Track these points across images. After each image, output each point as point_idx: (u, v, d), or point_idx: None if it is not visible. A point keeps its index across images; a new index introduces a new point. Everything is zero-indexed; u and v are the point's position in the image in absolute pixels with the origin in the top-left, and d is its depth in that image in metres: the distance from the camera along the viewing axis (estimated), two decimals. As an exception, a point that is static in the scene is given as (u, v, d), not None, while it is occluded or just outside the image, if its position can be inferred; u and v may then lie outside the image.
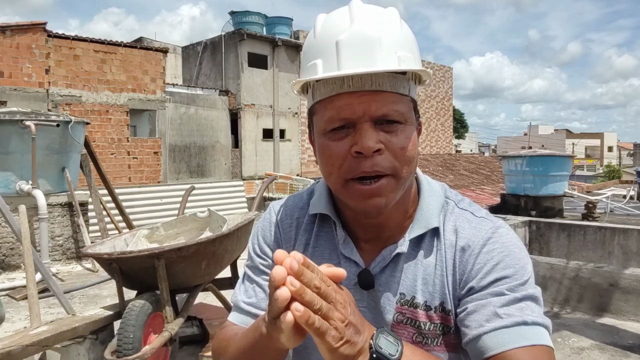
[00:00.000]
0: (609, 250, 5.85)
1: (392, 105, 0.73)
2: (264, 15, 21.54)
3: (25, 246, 3.08)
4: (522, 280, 0.74)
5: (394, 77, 0.73)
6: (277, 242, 0.90)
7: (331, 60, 0.72)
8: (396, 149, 0.73)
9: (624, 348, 3.61)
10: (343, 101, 0.72)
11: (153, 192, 9.25)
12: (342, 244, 0.84)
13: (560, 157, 10.68)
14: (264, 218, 0.95)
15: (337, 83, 0.72)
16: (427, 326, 0.79)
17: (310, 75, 0.74)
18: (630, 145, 62.59)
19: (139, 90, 14.83)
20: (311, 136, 0.84)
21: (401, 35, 0.74)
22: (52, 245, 6.00)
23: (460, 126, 46.16)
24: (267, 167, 20.25)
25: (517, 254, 0.77)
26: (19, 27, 12.36)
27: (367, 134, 0.71)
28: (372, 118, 0.72)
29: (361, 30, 0.71)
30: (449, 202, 0.85)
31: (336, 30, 0.73)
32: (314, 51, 0.76)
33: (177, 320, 2.98)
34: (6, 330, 3.82)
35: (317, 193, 0.90)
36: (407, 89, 0.75)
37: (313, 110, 0.79)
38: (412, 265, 0.81)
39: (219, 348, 0.86)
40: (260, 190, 4.63)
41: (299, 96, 0.85)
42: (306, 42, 0.79)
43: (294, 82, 0.78)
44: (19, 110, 6.13)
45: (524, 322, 0.71)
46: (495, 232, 0.79)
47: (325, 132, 0.75)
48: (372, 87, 0.71)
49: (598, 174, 34.37)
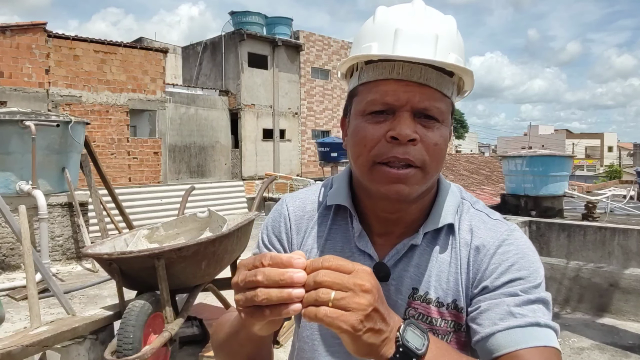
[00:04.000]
0: (609, 251, 5.85)
1: (434, 101, 0.74)
2: (264, 15, 21.55)
3: (25, 246, 3.08)
4: (536, 283, 0.75)
5: (441, 76, 0.75)
6: (286, 234, 0.90)
7: (387, 44, 0.73)
8: (430, 143, 0.74)
9: (624, 348, 3.61)
10: (389, 87, 0.74)
11: (153, 192, 9.25)
12: (357, 237, 0.84)
13: (560, 157, 10.68)
14: (275, 210, 0.95)
15: (387, 68, 0.74)
16: (439, 323, 0.79)
17: (365, 53, 0.75)
18: (630, 145, 62.56)
19: (139, 91, 14.84)
20: (344, 119, 0.84)
21: (456, 39, 0.77)
22: (52, 245, 6.00)
23: (460, 126, 46.19)
24: (267, 167, 20.26)
25: (531, 257, 0.78)
26: (19, 27, 12.37)
27: (406, 122, 0.73)
28: (413, 109, 0.73)
29: (421, 25, 0.74)
30: (464, 202, 0.87)
31: (397, 20, 0.75)
32: (370, 35, 0.77)
33: (177, 321, 2.97)
34: (6, 330, 3.82)
35: (336, 185, 0.90)
36: (450, 91, 0.77)
37: (355, 92, 0.80)
38: (426, 261, 0.82)
39: (214, 333, 0.88)
40: (260, 190, 4.64)
41: (341, 79, 0.85)
42: (363, 27, 0.80)
43: (344, 60, 0.79)
44: (19, 110, 6.13)
45: (537, 323, 0.71)
46: (511, 235, 0.80)
47: (364, 114, 0.76)
48: (420, 79, 0.73)
49: (598, 174, 34.36)
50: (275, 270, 0.57)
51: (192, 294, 3.26)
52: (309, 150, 22.54)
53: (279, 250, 0.90)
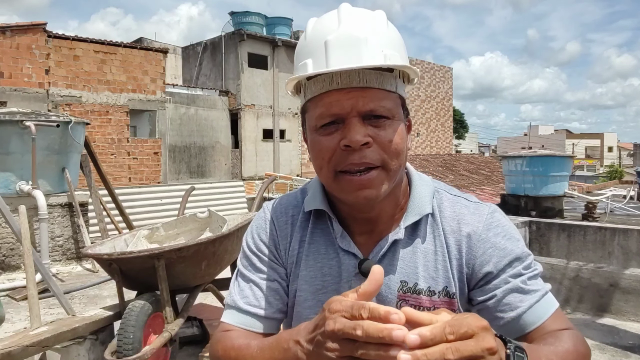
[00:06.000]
0: (609, 251, 5.85)
1: (379, 101, 0.75)
2: (264, 15, 21.56)
3: (25, 247, 3.08)
4: (531, 259, 0.82)
5: (381, 74, 0.76)
6: (272, 240, 0.91)
7: (320, 58, 0.75)
8: (384, 142, 0.75)
9: (624, 348, 3.61)
10: (332, 98, 0.75)
11: (153, 192, 9.24)
12: (339, 237, 0.85)
13: (560, 158, 10.67)
14: (258, 216, 0.95)
15: (327, 81, 0.75)
16: (431, 311, 0.80)
17: (301, 74, 0.77)
18: (630, 146, 62.52)
19: (139, 91, 14.83)
20: (304, 134, 0.86)
21: (387, 35, 0.78)
22: (52, 245, 6.00)
23: (460, 126, 46.16)
24: (267, 167, 20.25)
25: (516, 235, 0.84)
26: (19, 28, 12.37)
27: (355, 128, 0.74)
28: (360, 113, 0.75)
29: (349, 30, 0.75)
30: (439, 191, 0.89)
31: (325, 31, 0.77)
32: (304, 52, 0.79)
33: (177, 321, 2.97)
34: (6, 330, 3.82)
35: (311, 191, 0.91)
36: (394, 86, 0.78)
37: (305, 109, 0.82)
38: (410, 253, 0.83)
39: (227, 357, 0.80)
40: (261, 190, 4.63)
41: (293, 96, 0.88)
42: (298, 45, 0.83)
43: (287, 82, 0.82)
44: (19, 110, 6.12)
45: (545, 292, 0.80)
46: (493, 217, 0.85)
47: (316, 128, 0.78)
48: (360, 83, 0.74)
49: (599, 174, 34.34)
50: (374, 325, 0.52)
51: (192, 294, 3.26)
52: (309, 151, 22.52)
53: (268, 255, 0.90)
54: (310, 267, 0.87)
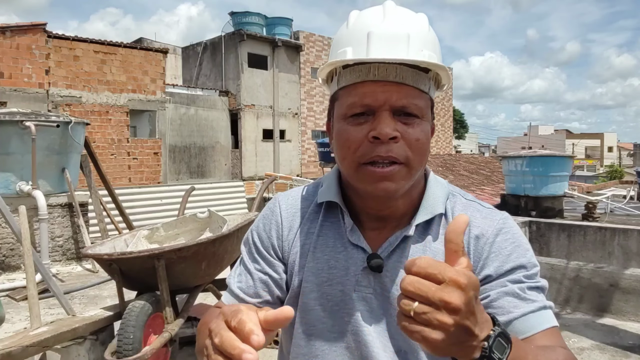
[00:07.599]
0: (609, 251, 5.85)
1: (412, 98, 0.76)
2: (264, 15, 21.56)
3: (25, 247, 3.08)
4: (536, 270, 0.80)
5: (417, 73, 0.77)
6: (277, 231, 0.92)
7: (361, 48, 0.76)
8: (411, 139, 0.76)
9: (624, 348, 3.61)
10: (367, 88, 0.76)
11: (153, 192, 9.24)
12: (349, 231, 0.86)
13: (560, 158, 10.66)
14: (267, 207, 0.96)
15: (363, 71, 0.76)
16: None
17: (340, 59, 0.78)
18: (630, 146, 62.54)
19: (139, 91, 14.83)
20: (329, 123, 0.87)
21: (428, 36, 0.79)
22: (52, 245, 6.00)
23: (460, 126, 46.18)
24: (267, 167, 20.25)
25: (526, 245, 0.82)
26: (19, 28, 12.37)
27: (385, 121, 0.75)
28: (392, 107, 0.75)
29: (392, 26, 0.76)
30: (454, 194, 0.89)
31: (369, 23, 0.77)
32: (344, 40, 0.79)
33: (177, 321, 2.97)
34: (6, 330, 3.82)
35: (326, 183, 0.92)
36: (427, 87, 0.79)
37: (336, 97, 0.82)
38: (420, 250, 0.83)
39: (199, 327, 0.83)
40: (261, 190, 4.64)
41: (322, 84, 0.88)
42: (338, 33, 0.83)
43: (322, 67, 0.81)
44: (19, 110, 6.12)
45: (544, 306, 0.77)
46: (505, 223, 0.84)
47: (345, 117, 0.79)
48: (396, 78, 0.75)
49: (599, 174, 34.33)
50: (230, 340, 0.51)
51: (192, 295, 3.26)
52: (309, 151, 22.54)
53: (267, 247, 0.91)
54: (318, 259, 0.87)
